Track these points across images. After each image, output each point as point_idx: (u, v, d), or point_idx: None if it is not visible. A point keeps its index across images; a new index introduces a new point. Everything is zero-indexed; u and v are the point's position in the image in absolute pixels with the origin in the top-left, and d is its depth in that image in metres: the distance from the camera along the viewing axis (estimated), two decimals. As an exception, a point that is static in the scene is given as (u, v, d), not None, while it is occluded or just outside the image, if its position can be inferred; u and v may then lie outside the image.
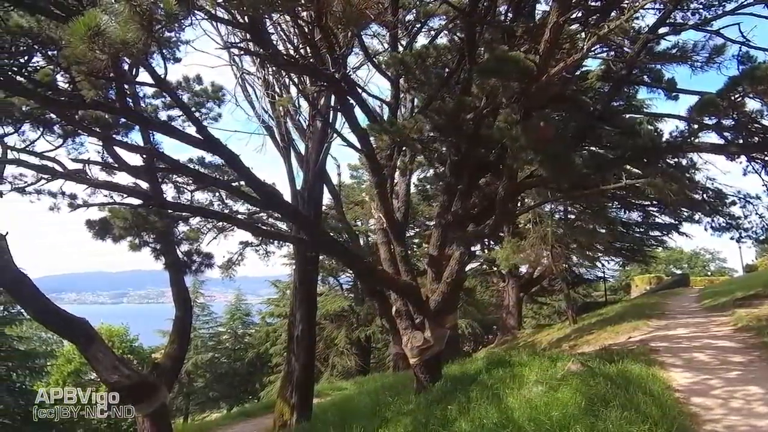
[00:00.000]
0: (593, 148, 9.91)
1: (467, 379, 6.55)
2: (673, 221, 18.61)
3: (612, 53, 7.80)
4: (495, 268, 21.80)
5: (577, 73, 7.96)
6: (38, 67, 6.67)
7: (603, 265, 23.82)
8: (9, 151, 7.79)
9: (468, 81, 6.65)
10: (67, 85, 6.38)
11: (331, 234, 10.44)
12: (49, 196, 8.74)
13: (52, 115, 7.55)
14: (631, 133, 7.17)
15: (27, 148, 7.98)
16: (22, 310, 14.52)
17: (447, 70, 7.42)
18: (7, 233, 8.10)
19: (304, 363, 9.70)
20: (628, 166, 6.50)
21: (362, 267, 7.34)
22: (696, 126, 5.71)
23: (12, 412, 13.73)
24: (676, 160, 11.35)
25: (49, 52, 6.52)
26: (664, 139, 6.61)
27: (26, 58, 6.56)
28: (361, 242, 21.90)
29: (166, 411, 9.15)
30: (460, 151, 7.28)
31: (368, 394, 8.84)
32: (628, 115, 9.14)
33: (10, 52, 6.45)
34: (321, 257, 13.29)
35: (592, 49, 5.07)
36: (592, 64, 8.96)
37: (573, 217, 18.01)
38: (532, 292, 23.88)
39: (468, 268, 16.00)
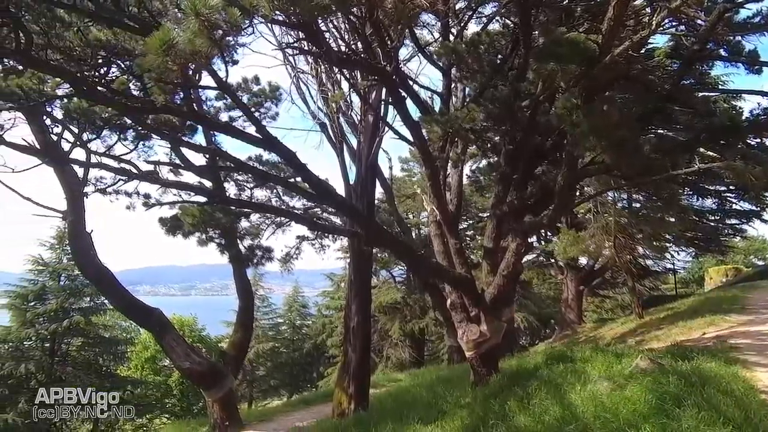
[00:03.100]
0: (662, 131, 9.24)
1: (526, 373, 6.38)
2: (754, 208, 17.01)
3: (682, 27, 7.21)
4: (553, 260, 21.02)
5: (642, 50, 7.44)
6: (114, 77, 7.27)
7: (673, 256, 22.23)
8: (91, 155, 8.56)
9: (523, 67, 6.42)
10: (139, 92, 6.91)
11: (384, 227, 10.53)
12: (126, 196, 9.49)
13: (127, 121, 8.18)
14: (706, 112, 6.63)
15: (107, 153, 8.72)
16: (106, 301, 16.02)
17: (500, 56, 7.22)
18: (92, 231, 8.96)
19: (360, 354, 9.91)
20: (701, 149, 6.02)
21: (417, 259, 7.35)
22: (784, 102, 5.17)
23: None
24: (759, 140, 10.33)
25: (124, 63, 7.06)
26: (744, 118, 6.05)
27: (105, 69, 7.16)
28: (413, 235, 21.96)
29: (233, 396, 9.74)
30: (515, 140, 7.06)
31: (424, 385, 8.87)
32: (701, 94, 8.44)
33: (90, 65, 7.07)
34: (374, 250, 13.45)
35: (661, 24, 4.72)
36: (660, 41, 8.35)
37: (638, 205, 16.92)
38: (594, 284, 22.73)
39: (524, 259, 15.51)
